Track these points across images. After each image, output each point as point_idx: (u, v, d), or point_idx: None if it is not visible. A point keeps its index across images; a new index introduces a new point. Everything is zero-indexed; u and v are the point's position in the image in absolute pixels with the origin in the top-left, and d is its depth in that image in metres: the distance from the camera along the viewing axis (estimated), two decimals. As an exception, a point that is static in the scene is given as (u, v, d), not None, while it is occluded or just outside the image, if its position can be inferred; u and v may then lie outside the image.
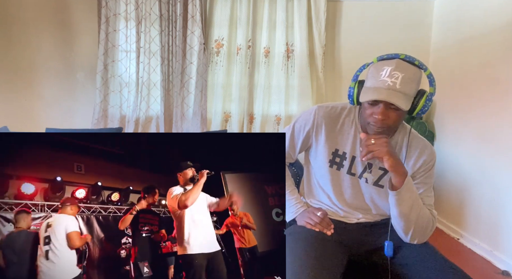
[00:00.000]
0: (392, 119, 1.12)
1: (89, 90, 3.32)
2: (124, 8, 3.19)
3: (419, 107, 1.12)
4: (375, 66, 1.14)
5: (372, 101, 1.11)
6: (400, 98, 1.07)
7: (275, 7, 3.28)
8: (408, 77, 1.08)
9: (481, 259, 2.55)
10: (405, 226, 1.18)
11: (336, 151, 1.30)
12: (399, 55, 1.12)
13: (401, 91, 1.07)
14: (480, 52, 2.72)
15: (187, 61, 3.27)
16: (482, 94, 2.67)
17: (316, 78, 3.34)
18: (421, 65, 1.12)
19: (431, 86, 1.15)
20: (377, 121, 1.12)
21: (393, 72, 1.08)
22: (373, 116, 1.13)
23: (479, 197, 2.69)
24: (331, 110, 1.31)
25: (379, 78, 1.10)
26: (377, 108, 1.11)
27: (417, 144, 1.26)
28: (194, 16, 3.21)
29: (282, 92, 3.36)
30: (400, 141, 1.26)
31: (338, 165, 1.30)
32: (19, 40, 3.27)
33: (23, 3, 3.24)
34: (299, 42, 3.27)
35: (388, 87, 1.07)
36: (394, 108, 1.10)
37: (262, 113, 3.39)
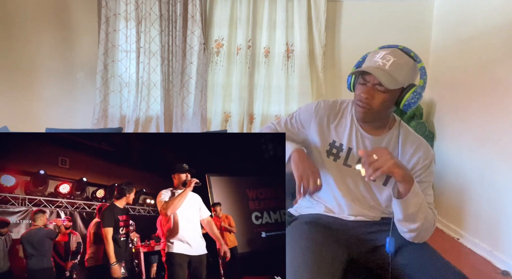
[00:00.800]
0: (377, 100, 1.16)
1: (89, 90, 3.32)
2: (124, 8, 3.20)
3: (406, 98, 1.15)
4: (373, 52, 1.21)
5: (362, 80, 1.17)
6: (385, 76, 1.11)
7: (275, 7, 3.29)
8: (399, 63, 1.13)
9: (481, 259, 2.55)
10: (411, 228, 1.18)
11: (334, 143, 1.32)
12: (398, 46, 1.19)
13: (388, 72, 1.12)
14: (480, 52, 2.72)
15: (187, 61, 3.27)
16: (482, 94, 2.67)
17: (316, 78, 3.34)
18: (416, 57, 1.17)
19: (421, 78, 1.18)
20: (362, 99, 1.17)
21: (386, 55, 1.14)
22: (360, 94, 1.18)
23: (479, 197, 2.69)
24: (333, 103, 1.36)
25: (372, 59, 1.17)
26: (366, 87, 1.17)
27: (413, 141, 1.27)
28: (194, 16, 3.21)
29: (282, 92, 3.36)
30: (395, 136, 1.28)
31: (335, 156, 1.31)
32: (19, 40, 3.27)
33: (23, 3, 3.24)
34: (299, 42, 3.27)
35: (378, 66, 1.13)
36: (381, 90, 1.14)
37: (262, 113, 3.39)
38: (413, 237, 1.20)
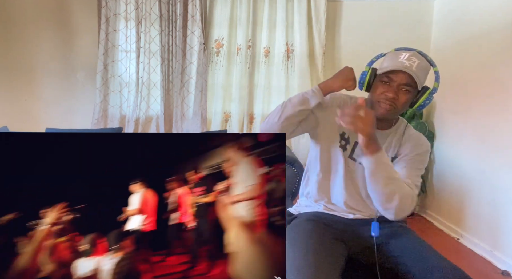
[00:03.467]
0: (401, 101, 1.19)
1: (89, 90, 3.32)
2: (124, 8, 3.20)
3: (422, 100, 1.20)
4: (392, 53, 1.23)
5: (388, 79, 1.18)
6: (416, 77, 1.15)
7: (275, 7, 3.28)
8: (422, 66, 1.18)
9: (481, 259, 2.55)
10: (381, 197, 1.17)
11: (343, 134, 1.33)
12: (415, 49, 1.22)
13: (415, 74, 1.15)
14: (480, 52, 2.72)
15: (187, 61, 3.27)
16: (482, 94, 2.67)
17: (316, 78, 3.34)
18: (432, 62, 1.22)
19: (436, 81, 1.23)
20: (388, 98, 1.18)
21: (411, 57, 1.18)
22: (385, 94, 1.19)
23: (479, 197, 2.69)
24: (346, 97, 1.37)
25: (397, 60, 1.18)
26: (390, 87, 1.19)
27: (416, 135, 1.33)
28: (194, 16, 3.21)
29: (282, 92, 3.36)
30: (399, 133, 1.32)
31: (343, 148, 1.33)
32: (19, 40, 3.27)
33: (23, 3, 3.24)
34: (299, 42, 3.27)
35: (406, 67, 1.15)
36: (405, 90, 1.18)
37: (262, 113, 3.39)
38: (388, 211, 1.19)
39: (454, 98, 3.02)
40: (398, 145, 1.30)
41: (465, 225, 2.84)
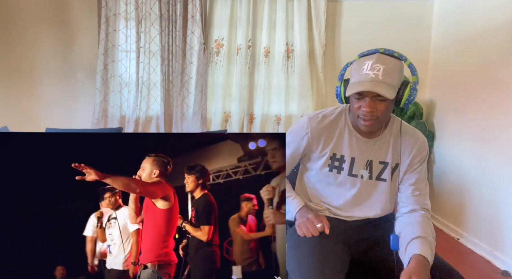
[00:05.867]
0: (380, 110, 1.15)
1: (89, 90, 3.32)
2: (124, 8, 3.20)
3: (405, 97, 1.17)
4: (357, 63, 1.19)
5: (358, 95, 1.15)
6: (384, 88, 1.10)
7: (275, 7, 3.28)
8: (389, 69, 1.12)
9: (481, 259, 2.55)
10: None
11: (334, 155, 1.30)
12: (378, 50, 1.16)
13: (384, 82, 1.11)
14: (480, 52, 2.71)
15: (187, 61, 3.27)
16: (482, 94, 2.67)
17: (316, 78, 3.34)
18: (401, 57, 1.16)
19: (413, 75, 1.18)
20: (366, 114, 1.15)
21: (374, 65, 1.12)
22: (361, 109, 1.16)
23: (479, 197, 2.69)
24: (323, 119, 1.31)
25: (361, 73, 1.14)
26: (364, 101, 1.14)
27: (411, 132, 1.30)
28: (194, 16, 3.21)
29: (282, 92, 3.36)
30: (395, 130, 1.29)
31: (338, 168, 1.30)
32: (19, 40, 3.27)
33: (23, 3, 3.24)
34: (299, 42, 3.27)
35: (371, 79, 1.11)
36: (381, 99, 1.13)
37: (262, 113, 3.39)
38: None
39: (454, 98, 3.02)
40: (397, 143, 1.27)
41: (465, 225, 2.83)
